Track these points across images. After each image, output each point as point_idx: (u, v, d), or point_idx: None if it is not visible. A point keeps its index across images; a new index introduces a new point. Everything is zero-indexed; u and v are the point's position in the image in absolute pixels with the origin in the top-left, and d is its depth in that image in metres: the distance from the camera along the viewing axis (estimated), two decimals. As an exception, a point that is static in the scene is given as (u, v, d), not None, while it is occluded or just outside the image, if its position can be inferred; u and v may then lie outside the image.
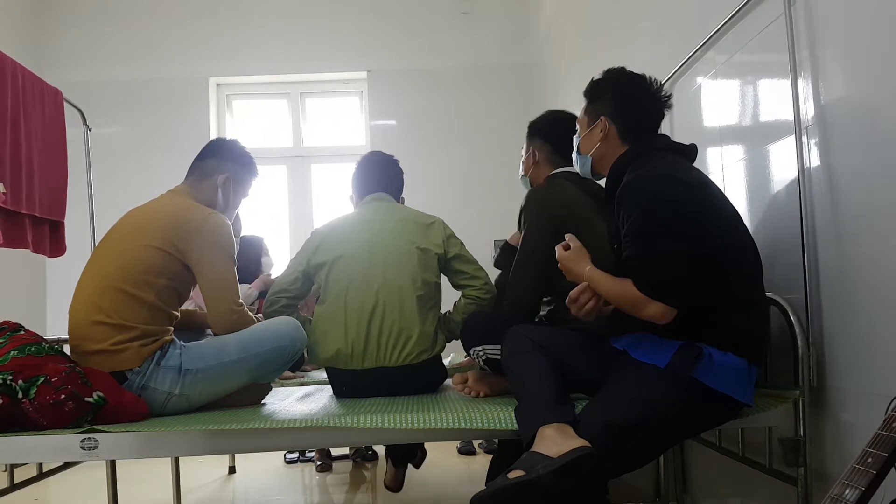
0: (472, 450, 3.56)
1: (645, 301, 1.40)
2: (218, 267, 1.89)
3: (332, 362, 2.12)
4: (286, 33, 4.99)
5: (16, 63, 2.45)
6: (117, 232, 1.96)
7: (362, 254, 2.13)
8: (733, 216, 1.51)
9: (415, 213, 2.28)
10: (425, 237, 2.18)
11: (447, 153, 4.91)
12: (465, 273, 2.22)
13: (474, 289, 2.21)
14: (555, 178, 2.07)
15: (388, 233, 2.17)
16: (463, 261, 2.22)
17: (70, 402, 1.63)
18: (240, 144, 2.14)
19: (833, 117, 1.48)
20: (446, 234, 2.22)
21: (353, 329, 2.08)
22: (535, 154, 2.19)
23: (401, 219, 2.22)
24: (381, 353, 2.07)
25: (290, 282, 2.20)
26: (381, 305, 2.08)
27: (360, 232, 2.19)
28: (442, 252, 2.18)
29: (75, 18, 4.88)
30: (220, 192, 2.05)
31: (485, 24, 5.06)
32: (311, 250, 2.19)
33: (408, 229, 2.18)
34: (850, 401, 1.46)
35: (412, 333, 2.08)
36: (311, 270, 2.19)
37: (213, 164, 2.06)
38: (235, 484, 3.27)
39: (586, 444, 1.34)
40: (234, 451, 3.16)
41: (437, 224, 2.24)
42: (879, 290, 1.35)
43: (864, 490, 0.95)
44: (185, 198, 1.99)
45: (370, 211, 2.26)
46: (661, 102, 1.65)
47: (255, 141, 5.26)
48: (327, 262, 2.15)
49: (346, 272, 2.12)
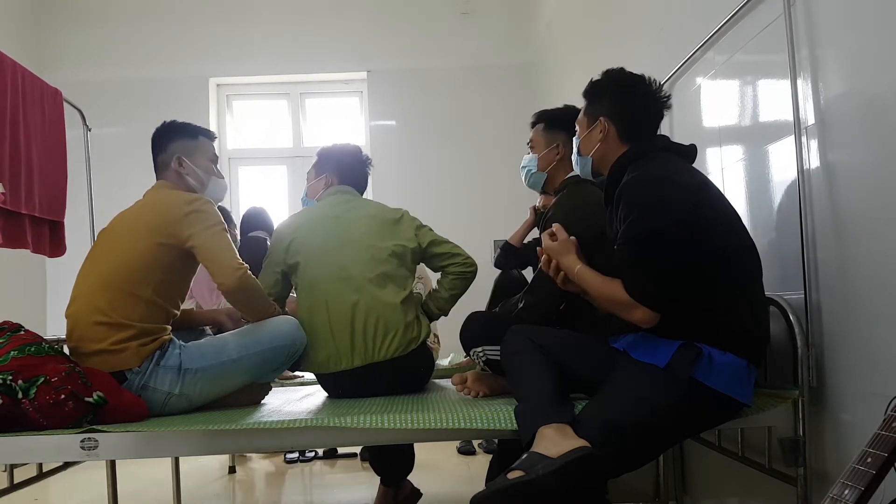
0: (472, 450, 3.56)
1: (631, 304, 1.41)
2: (211, 236, 1.87)
3: (324, 367, 2.11)
4: (286, 33, 4.99)
5: (15, 63, 2.45)
6: (108, 234, 1.96)
7: (335, 251, 2.12)
8: (732, 217, 1.51)
9: (381, 208, 2.27)
10: (397, 233, 2.18)
11: (447, 153, 4.91)
12: (444, 254, 2.22)
13: (456, 265, 2.21)
14: (582, 185, 1.99)
15: (359, 229, 2.16)
16: (437, 244, 2.22)
17: (70, 402, 1.63)
18: (167, 123, 2.10)
19: (833, 117, 1.49)
20: (415, 226, 2.22)
21: (338, 331, 2.07)
22: (559, 150, 2.06)
23: (370, 215, 2.21)
24: (369, 349, 2.06)
25: (272, 284, 2.17)
26: (362, 303, 2.07)
27: (330, 228, 2.17)
28: (416, 245, 2.18)
29: (75, 18, 4.88)
30: (185, 174, 2.03)
31: (485, 24, 5.06)
32: (284, 249, 2.17)
33: (379, 226, 2.17)
34: (849, 401, 1.46)
35: (399, 326, 2.08)
36: (288, 270, 2.18)
37: (162, 157, 2.05)
38: (235, 484, 3.27)
39: (586, 444, 1.34)
40: (234, 451, 3.16)
41: (405, 217, 2.23)
42: (879, 290, 1.35)
43: (863, 490, 0.95)
44: (166, 190, 2.00)
45: (336, 205, 2.24)
46: (660, 103, 1.65)
47: (255, 141, 5.28)
48: (300, 263, 2.14)
49: (322, 272, 2.11)
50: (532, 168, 2.12)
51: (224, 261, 1.86)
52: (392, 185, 4.60)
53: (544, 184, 2.14)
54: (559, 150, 2.06)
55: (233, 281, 1.85)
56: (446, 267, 2.23)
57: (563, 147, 2.04)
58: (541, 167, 2.10)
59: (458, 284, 2.22)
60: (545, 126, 2.11)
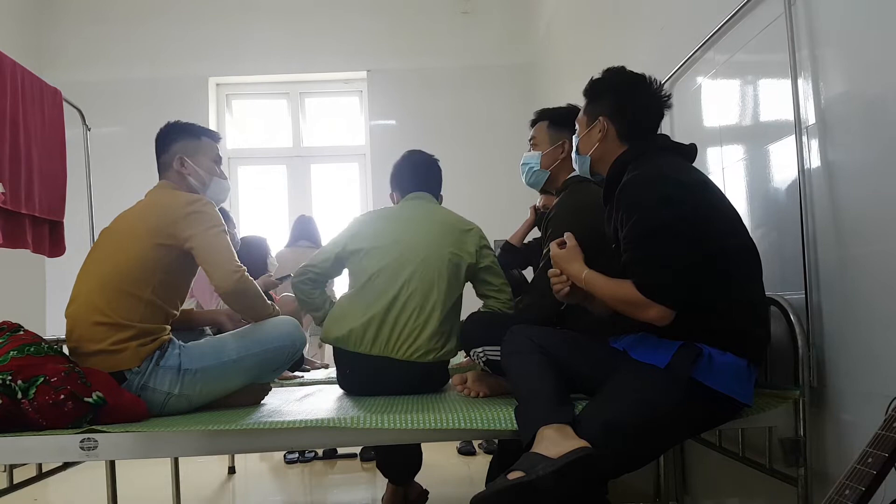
0: (472, 450, 3.56)
1: (645, 303, 1.40)
2: (210, 238, 1.87)
3: (343, 342, 2.13)
4: (286, 33, 4.98)
5: (15, 63, 2.45)
6: (110, 234, 1.96)
7: (397, 247, 2.15)
8: (733, 216, 1.51)
9: (454, 216, 2.30)
10: (461, 243, 2.20)
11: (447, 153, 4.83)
12: (493, 285, 2.24)
13: (498, 301, 2.23)
14: (585, 184, 1.98)
15: (425, 232, 2.19)
16: (492, 273, 2.24)
17: (69, 402, 1.63)
18: (171, 123, 2.11)
19: (833, 117, 1.48)
20: (481, 244, 2.24)
21: (372, 312, 2.09)
22: (563, 149, 2.04)
23: (440, 221, 2.24)
24: (392, 343, 2.08)
25: (322, 260, 2.23)
26: (403, 297, 2.10)
27: (399, 226, 2.22)
28: (474, 261, 2.19)
29: (75, 18, 4.88)
30: (187, 174, 2.03)
31: (485, 24, 5.05)
32: (349, 236, 2.22)
33: (445, 232, 2.20)
34: (850, 401, 1.46)
35: (425, 329, 2.09)
36: (344, 255, 2.21)
37: (165, 157, 2.05)
38: (235, 484, 3.27)
39: (586, 444, 1.34)
40: (234, 451, 3.16)
41: (475, 232, 2.26)
42: (880, 290, 1.35)
43: (864, 490, 0.95)
44: (167, 190, 2.00)
45: (411, 208, 2.30)
46: (660, 102, 1.65)
47: (255, 141, 5.27)
48: (363, 249, 2.17)
49: (378, 261, 2.14)
50: (535, 165, 2.11)
51: (221, 263, 1.86)
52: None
53: (546, 182, 2.12)
54: (564, 149, 2.05)
55: (229, 284, 1.85)
56: (488, 298, 2.25)
57: (567, 145, 2.03)
58: (544, 165, 2.09)
59: None
60: (549, 124, 2.10)
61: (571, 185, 2.03)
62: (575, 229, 1.66)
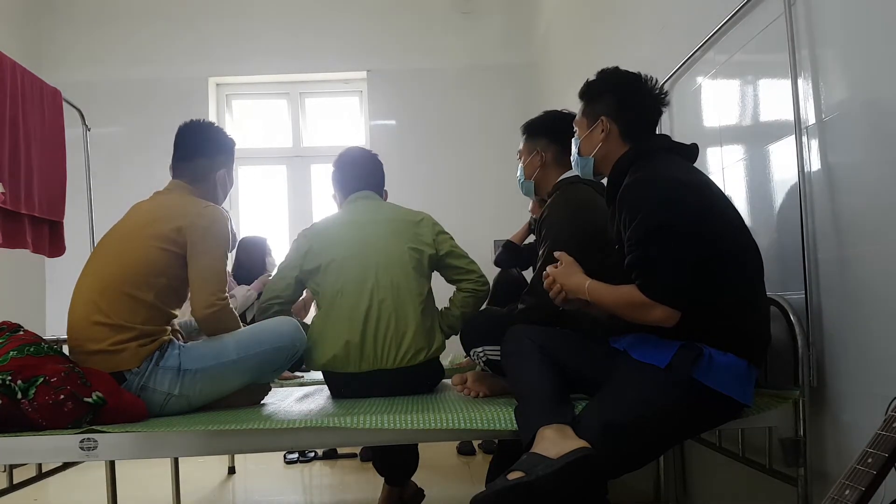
0: (472, 450, 3.56)
1: (650, 305, 1.39)
2: (209, 257, 1.88)
3: (330, 366, 2.11)
4: (286, 33, 4.98)
5: (15, 63, 2.45)
6: (120, 230, 1.96)
7: (354, 256, 2.12)
8: (734, 217, 1.51)
9: (403, 211, 2.26)
10: (417, 236, 2.17)
11: (447, 153, 4.90)
12: (459, 268, 2.22)
13: (470, 282, 2.21)
14: (575, 185, 1.99)
15: (378, 233, 2.16)
16: (455, 256, 2.21)
17: (69, 402, 1.63)
18: (221, 132, 2.14)
19: (833, 117, 1.48)
20: (435, 231, 2.21)
21: (349, 332, 2.06)
22: (541, 155, 2.10)
23: (390, 218, 2.21)
24: (379, 355, 2.06)
25: (283, 288, 2.18)
26: (375, 307, 2.07)
27: (350, 233, 2.17)
28: (433, 251, 2.17)
29: (75, 18, 4.88)
30: (219, 188, 2.07)
31: (485, 24, 5.05)
32: (302, 255, 2.17)
33: (398, 229, 2.17)
34: (850, 401, 1.46)
35: (407, 331, 2.07)
36: (303, 277, 2.17)
37: (206, 163, 2.06)
38: (235, 484, 3.27)
39: (586, 444, 1.34)
40: (234, 451, 3.16)
41: (426, 221, 2.23)
42: (880, 291, 1.35)
43: (864, 490, 0.95)
44: (184, 194, 2.00)
45: (358, 210, 2.24)
46: (658, 100, 1.65)
47: (255, 141, 5.27)
48: (320, 267, 2.13)
49: (338, 275, 2.11)
50: (521, 177, 2.18)
51: (206, 289, 1.87)
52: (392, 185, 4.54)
53: (536, 191, 2.17)
54: (540, 156, 2.10)
55: (203, 312, 1.87)
56: (460, 282, 2.23)
57: (542, 152, 2.09)
58: (527, 175, 2.15)
59: (469, 302, 2.22)
60: (527, 136, 2.16)
61: (562, 187, 2.05)
62: (567, 227, 1.68)
